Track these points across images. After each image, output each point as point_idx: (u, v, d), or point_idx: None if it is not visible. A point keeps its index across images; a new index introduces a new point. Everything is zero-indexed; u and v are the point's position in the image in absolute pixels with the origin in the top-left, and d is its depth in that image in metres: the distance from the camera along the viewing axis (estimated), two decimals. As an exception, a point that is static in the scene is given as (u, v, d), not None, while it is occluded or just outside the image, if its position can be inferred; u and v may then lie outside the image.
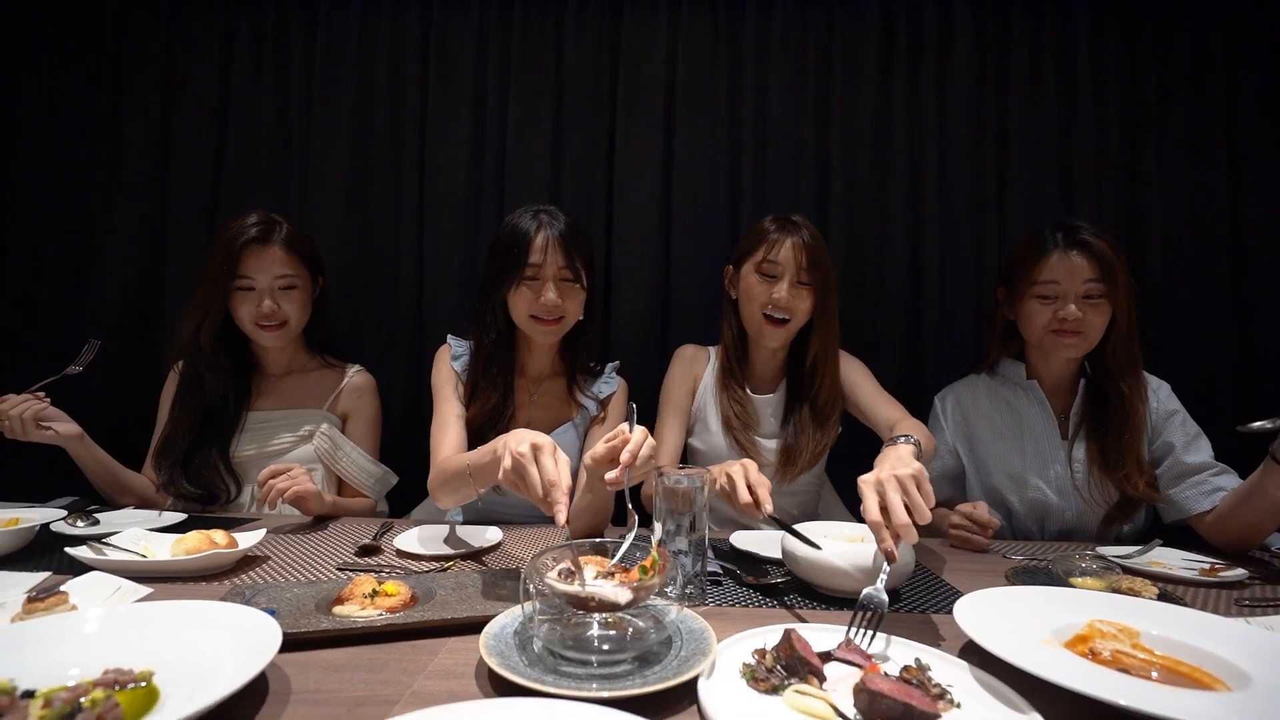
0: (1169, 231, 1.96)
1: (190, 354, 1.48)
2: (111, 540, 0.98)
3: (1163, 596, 0.85)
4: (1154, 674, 0.63)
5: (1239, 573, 1.00)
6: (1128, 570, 0.98)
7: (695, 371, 1.59)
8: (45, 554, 1.02)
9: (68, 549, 0.93)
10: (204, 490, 1.44)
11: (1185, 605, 0.79)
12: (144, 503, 1.45)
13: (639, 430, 0.93)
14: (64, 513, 1.19)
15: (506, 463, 0.87)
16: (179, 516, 1.27)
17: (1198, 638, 0.68)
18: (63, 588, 0.75)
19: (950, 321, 1.99)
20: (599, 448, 0.97)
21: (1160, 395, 1.41)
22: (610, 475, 0.90)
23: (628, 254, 2.03)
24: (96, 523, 1.18)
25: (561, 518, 0.79)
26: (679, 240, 2.02)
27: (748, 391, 1.53)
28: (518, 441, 0.88)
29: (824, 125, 2.04)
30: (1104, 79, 2.00)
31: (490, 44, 2.07)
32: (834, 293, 1.46)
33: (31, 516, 1.09)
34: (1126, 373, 1.36)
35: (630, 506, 0.84)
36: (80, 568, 0.91)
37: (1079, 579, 0.90)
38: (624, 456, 0.89)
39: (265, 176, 2.05)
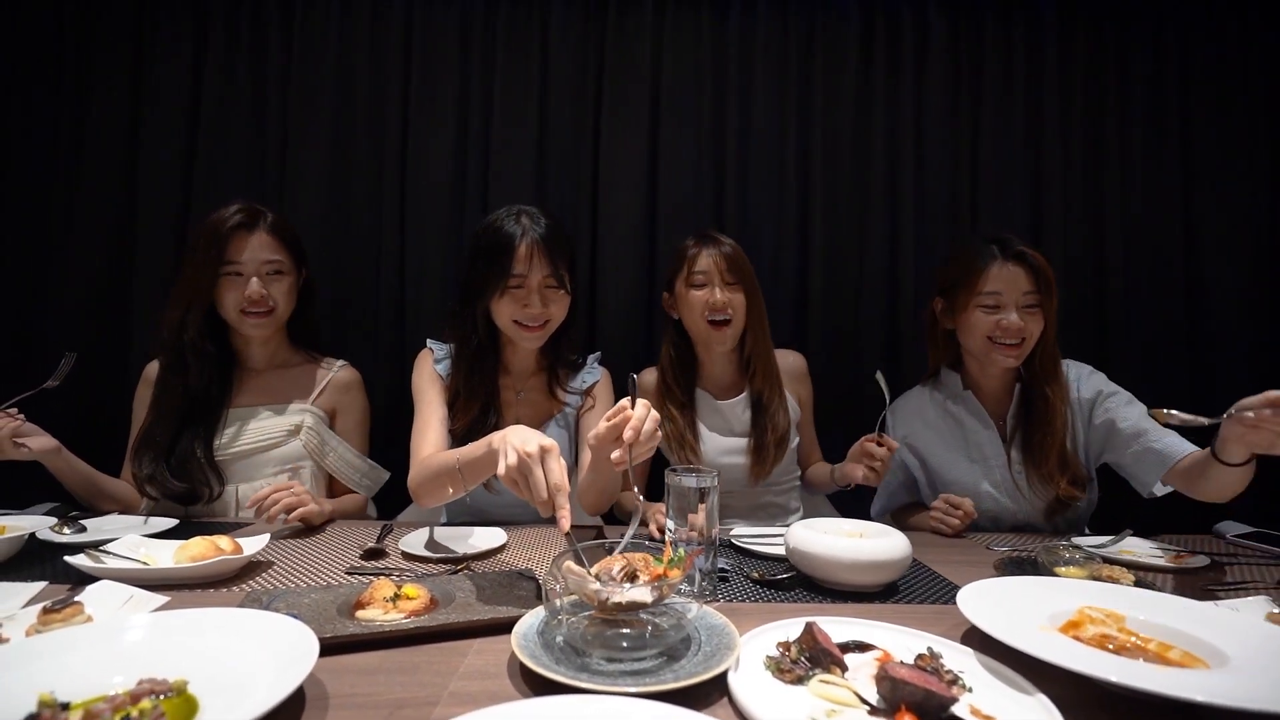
0: (1129, 231, 2.08)
1: (175, 341, 1.43)
2: (109, 548, 0.96)
3: (1139, 583, 0.92)
4: (1141, 656, 0.68)
5: (1201, 559, 1.08)
6: (1105, 560, 1.05)
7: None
8: (35, 563, 1.00)
9: (67, 558, 0.90)
10: (188, 486, 1.39)
11: (1159, 590, 0.85)
12: (126, 508, 1.41)
13: (641, 404, 0.92)
14: (48, 519, 1.16)
15: (511, 460, 0.85)
16: (170, 522, 1.24)
17: (1175, 620, 0.74)
18: (77, 598, 0.73)
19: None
20: (601, 426, 0.95)
21: (1081, 384, 1.46)
22: (615, 455, 0.89)
23: (613, 249, 2.05)
24: (83, 529, 1.16)
25: (566, 524, 0.80)
26: (664, 236, 2.04)
27: (714, 400, 1.61)
28: (522, 440, 0.87)
29: (805, 126, 2.09)
30: (1069, 85, 2.10)
31: (474, 39, 2.06)
32: (758, 293, 1.56)
33: (17, 524, 1.06)
34: (1050, 378, 1.43)
35: (635, 487, 0.86)
36: (78, 576, 0.90)
37: (1063, 568, 0.96)
38: (626, 434, 0.89)
39: (240, 173, 2.00)
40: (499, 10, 2.05)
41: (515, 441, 0.87)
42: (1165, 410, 1.06)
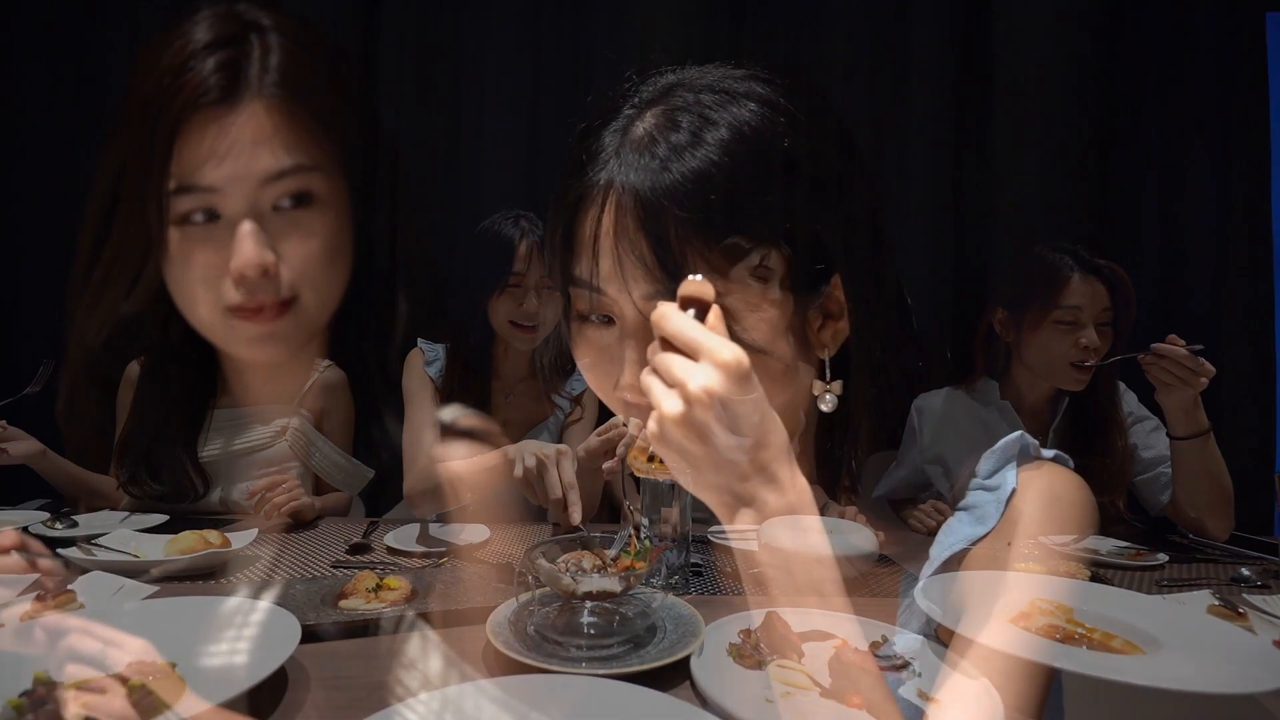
0: (1105, 236, 2.12)
1: (154, 346, 1.45)
2: (101, 541, 0.99)
3: (1095, 579, 0.95)
4: (1085, 644, 0.72)
5: (1159, 557, 1.12)
6: (1064, 556, 1.09)
7: None
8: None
9: (60, 550, 0.93)
10: (170, 489, 1.39)
11: (1114, 586, 0.89)
12: (116, 505, 1.43)
13: (634, 424, 0.98)
14: (40, 514, 1.19)
15: (529, 462, 0.93)
16: (161, 517, 1.27)
17: (1122, 612, 0.77)
18: (69, 587, 0.76)
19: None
20: (592, 440, 1.03)
21: (1128, 402, 1.46)
22: (607, 465, 0.97)
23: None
24: (75, 524, 1.18)
25: (576, 517, 0.85)
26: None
27: None
28: (538, 445, 0.96)
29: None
30: (1051, 105, 2.15)
31: (466, 41, 2.09)
32: None
33: (9, 519, 1.08)
34: (1115, 395, 1.40)
35: (627, 502, 0.90)
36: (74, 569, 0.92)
37: (1021, 564, 0.99)
38: (620, 450, 0.95)
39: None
40: (490, 12, 2.09)
41: (532, 447, 0.96)
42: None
